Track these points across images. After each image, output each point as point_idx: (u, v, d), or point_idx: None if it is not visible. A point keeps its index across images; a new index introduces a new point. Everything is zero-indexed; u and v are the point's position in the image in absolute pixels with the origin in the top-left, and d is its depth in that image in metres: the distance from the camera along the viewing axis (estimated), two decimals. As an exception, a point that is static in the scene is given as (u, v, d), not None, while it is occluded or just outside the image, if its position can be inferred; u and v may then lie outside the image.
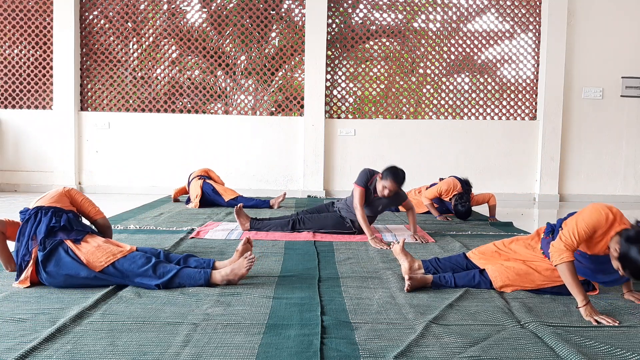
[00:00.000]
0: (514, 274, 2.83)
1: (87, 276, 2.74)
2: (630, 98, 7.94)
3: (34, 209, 2.93)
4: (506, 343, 2.13)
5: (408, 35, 8.05)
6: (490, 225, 5.27)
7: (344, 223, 4.49)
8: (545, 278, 2.80)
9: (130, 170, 7.90)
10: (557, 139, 7.86)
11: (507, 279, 2.83)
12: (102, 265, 2.76)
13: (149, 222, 5.01)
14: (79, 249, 2.79)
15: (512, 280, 2.82)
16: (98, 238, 2.93)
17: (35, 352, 1.95)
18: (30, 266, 2.76)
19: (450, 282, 2.90)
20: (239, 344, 2.08)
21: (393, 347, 2.06)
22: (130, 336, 2.14)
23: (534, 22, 7.96)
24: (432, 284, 2.90)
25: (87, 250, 2.79)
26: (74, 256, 2.76)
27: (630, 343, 2.17)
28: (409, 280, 2.83)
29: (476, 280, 2.88)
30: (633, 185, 8.02)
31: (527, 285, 2.82)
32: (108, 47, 7.96)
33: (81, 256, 2.77)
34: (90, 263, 2.75)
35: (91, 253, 2.78)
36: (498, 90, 8.07)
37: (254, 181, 7.97)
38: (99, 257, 2.77)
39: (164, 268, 2.80)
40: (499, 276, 2.84)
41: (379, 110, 8.15)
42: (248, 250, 3.09)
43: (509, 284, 2.83)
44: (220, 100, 8.14)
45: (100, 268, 2.75)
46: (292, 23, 8.03)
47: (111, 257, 2.78)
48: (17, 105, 7.95)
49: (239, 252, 3.07)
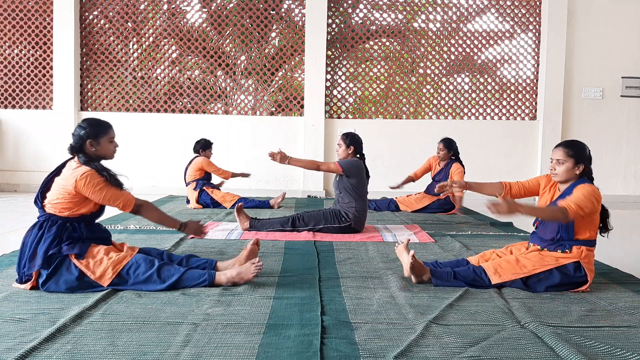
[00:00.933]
0: (505, 262, 2.95)
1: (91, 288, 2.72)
2: (630, 98, 7.94)
3: (43, 215, 2.82)
4: (506, 343, 2.13)
5: (408, 35, 8.05)
6: (491, 225, 5.27)
7: (340, 216, 4.53)
8: (535, 263, 2.89)
9: (130, 170, 7.80)
10: (557, 139, 7.85)
11: (499, 266, 2.93)
12: (110, 278, 2.72)
13: (149, 222, 5.01)
14: (84, 265, 2.73)
15: (503, 267, 2.92)
16: (101, 248, 2.84)
17: (35, 352, 1.95)
18: (31, 282, 2.74)
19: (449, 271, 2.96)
20: (239, 344, 2.08)
21: (393, 347, 2.06)
22: (130, 336, 2.13)
23: (534, 22, 7.96)
24: (430, 274, 2.96)
25: (93, 264, 2.73)
26: (79, 272, 2.71)
27: (630, 343, 2.17)
28: (412, 259, 2.91)
29: (471, 269, 2.95)
30: (633, 185, 8.02)
31: (519, 271, 2.89)
32: (108, 47, 7.96)
33: (87, 272, 2.72)
34: (98, 278, 2.71)
35: (97, 267, 2.73)
36: (498, 90, 8.07)
37: (253, 181, 7.97)
38: (105, 269, 2.72)
39: (168, 271, 2.79)
40: (491, 266, 2.95)
41: (379, 110, 8.15)
42: (255, 252, 3.10)
43: (501, 273, 2.90)
44: (220, 100, 8.14)
45: (108, 282, 2.71)
46: (292, 23, 8.03)
47: (118, 266, 2.75)
48: (17, 105, 7.95)
49: (246, 251, 3.07)
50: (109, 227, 4.66)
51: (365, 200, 4.59)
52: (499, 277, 2.89)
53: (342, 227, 4.50)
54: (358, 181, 4.50)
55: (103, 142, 2.88)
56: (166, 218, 3.01)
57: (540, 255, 2.93)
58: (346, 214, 4.51)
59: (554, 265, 2.87)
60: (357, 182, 4.49)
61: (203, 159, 6.24)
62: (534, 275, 2.87)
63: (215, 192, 6.20)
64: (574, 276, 2.87)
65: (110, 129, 2.93)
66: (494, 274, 2.90)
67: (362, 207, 4.54)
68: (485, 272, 2.92)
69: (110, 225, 4.77)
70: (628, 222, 6.26)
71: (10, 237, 4.37)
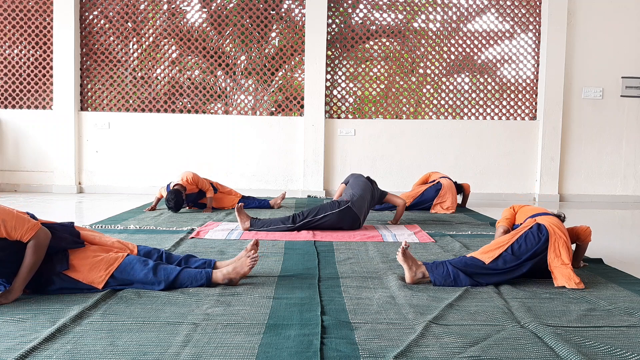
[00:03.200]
0: (493, 242, 3.14)
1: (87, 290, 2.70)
2: (630, 98, 7.94)
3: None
4: (506, 343, 2.13)
5: (408, 35, 8.05)
6: (491, 225, 5.27)
7: (339, 203, 4.65)
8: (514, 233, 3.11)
9: (130, 170, 7.90)
10: (557, 139, 7.86)
11: (486, 247, 3.11)
12: (103, 280, 2.67)
13: (149, 222, 5.01)
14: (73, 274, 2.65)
15: (490, 246, 3.10)
16: (88, 251, 2.73)
17: (35, 352, 1.95)
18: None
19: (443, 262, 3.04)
20: (239, 344, 2.08)
21: (393, 347, 2.06)
22: (130, 336, 2.14)
23: (534, 22, 7.96)
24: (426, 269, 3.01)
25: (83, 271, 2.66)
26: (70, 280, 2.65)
27: (630, 343, 2.17)
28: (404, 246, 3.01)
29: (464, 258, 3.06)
30: (633, 185, 8.02)
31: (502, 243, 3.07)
32: (108, 47, 7.96)
33: (79, 278, 2.66)
34: (91, 282, 2.67)
35: (88, 271, 2.66)
36: (498, 90, 8.07)
37: (253, 181, 7.97)
38: (97, 272, 2.67)
39: (164, 270, 2.78)
40: (479, 251, 3.11)
41: (379, 110, 8.15)
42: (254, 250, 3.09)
43: (487, 250, 3.06)
44: (220, 100, 8.14)
45: (102, 284, 2.67)
46: (292, 23, 8.03)
47: (110, 268, 2.70)
48: (17, 105, 7.95)
49: (245, 251, 3.07)
50: (109, 227, 4.66)
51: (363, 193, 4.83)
52: (488, 255, 3.02)
53: (342, 211, 4.57)
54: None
55: None
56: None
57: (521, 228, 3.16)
58: (344, 200, 4.67)
59: (527, 228, 3.09)
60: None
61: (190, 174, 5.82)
62: (514, 242, 3.03)
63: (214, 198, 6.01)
64: (541, 235, 3.04)
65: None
66: (483, 255, 3.03)
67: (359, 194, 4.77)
68: (475, 257, 3.05)
69: (110, 225, 4.77)
70: (628, 222, 6.26)
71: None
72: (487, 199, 7.70)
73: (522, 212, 3.42)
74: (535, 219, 3.17)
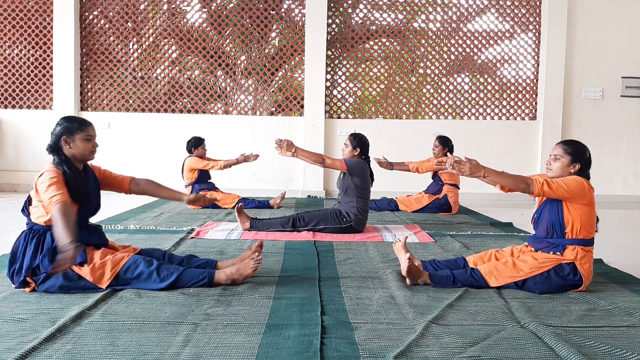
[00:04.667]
0: (502, 265, 2.92)
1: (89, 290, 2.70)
2: (630, 98, 7.94)
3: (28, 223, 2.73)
4: (506, 343, 2.13)
5: (408, 35, 8.05)
6: (491, 225, 5.27)
7: (341, 216, 4.53)
8: (532, 265, 2.86)
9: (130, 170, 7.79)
10: (557, 139, 7.84)
11: (496, 269, 2.91)
12: (109, 280, 2.69)
13: (149, 222, 5.01)
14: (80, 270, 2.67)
15: (500, 270, 2.90)
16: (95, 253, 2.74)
17: (35, 352, 1.95)
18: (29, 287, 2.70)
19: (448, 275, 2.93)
20: (239, 344, 2.08)
21: (393, 347, 2.06)
22: (130, 336, 2.13)
23: (534, 22, 7.96)
24: (430, 279, 2.93)
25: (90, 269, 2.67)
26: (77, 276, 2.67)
27: (630, 343, 2.17)
28: (408, 261, 2.90)
29: (468, 273, 2.92)
30: (633, 185, 8.02)
31: (515, 274, 2.87)
32: (108, 47, 7.96)
33: (86, 275, 2.67)
34: (96, 280, 2.68)
35: (94, 270, 2.67)
36: (498, 90, 8.07)
37: (253, 181, 7.97)
38: (103, 272, 2.68)
39: (167, 270, 2.78)
40: (487, 268, 2.93)
41: (379, 110, 8.15)
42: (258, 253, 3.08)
43: (497, 276, 2.89)
44: (220, 100, 8.14)
45: (106, 284, 2.68)
46: (292, 23, 8.03)
47: (116, 268, 2.71)
48: (17, 105, 7.95)
49: (250, 252, 3.05)
50: (109, 227, 4.67)
51: (367, 201, 4.60)
52: (495, 280, 2.88)
53: (342, 228, 4.50)
54: (362, 181, 4.50)
55: (78, 140, 2.77)
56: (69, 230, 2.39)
57: (535, 258, 2.89)
58: (347, 214, 4.51)
59: (550, 267, 2.85)
60: (361, 182, 4.49)
61: (191, 158, 6.09)
62: (530, 278, 2.85)
63: (213, 194, 6.03)
64: (570, 279, 2.84)
65: (88, 126, 2.80)
66: (491, 277, 2.89)
67: (364, 208, 4.54)
68: (482, 276, 2.90)
69: (110, 225, 4.77)
70: (628, 222, 6.26)
71: (10, 237, 4.37)
72: (487, 199, 7.70)
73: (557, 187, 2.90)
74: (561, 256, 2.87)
